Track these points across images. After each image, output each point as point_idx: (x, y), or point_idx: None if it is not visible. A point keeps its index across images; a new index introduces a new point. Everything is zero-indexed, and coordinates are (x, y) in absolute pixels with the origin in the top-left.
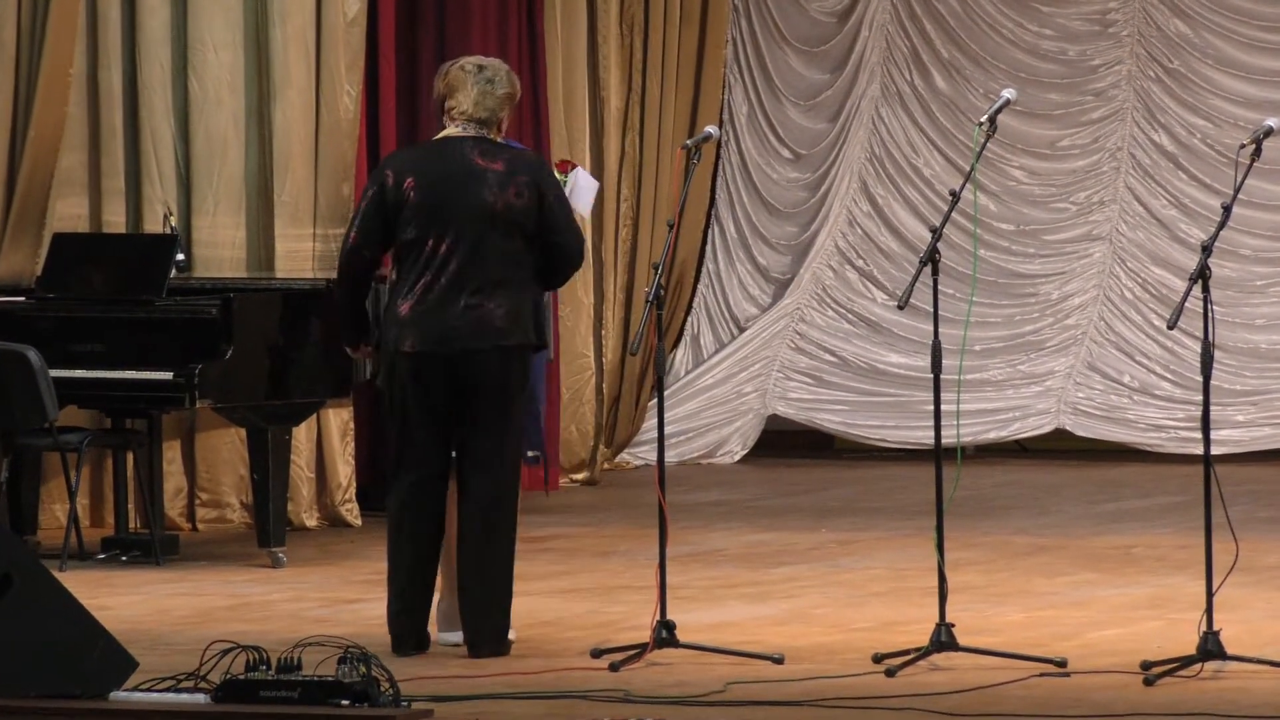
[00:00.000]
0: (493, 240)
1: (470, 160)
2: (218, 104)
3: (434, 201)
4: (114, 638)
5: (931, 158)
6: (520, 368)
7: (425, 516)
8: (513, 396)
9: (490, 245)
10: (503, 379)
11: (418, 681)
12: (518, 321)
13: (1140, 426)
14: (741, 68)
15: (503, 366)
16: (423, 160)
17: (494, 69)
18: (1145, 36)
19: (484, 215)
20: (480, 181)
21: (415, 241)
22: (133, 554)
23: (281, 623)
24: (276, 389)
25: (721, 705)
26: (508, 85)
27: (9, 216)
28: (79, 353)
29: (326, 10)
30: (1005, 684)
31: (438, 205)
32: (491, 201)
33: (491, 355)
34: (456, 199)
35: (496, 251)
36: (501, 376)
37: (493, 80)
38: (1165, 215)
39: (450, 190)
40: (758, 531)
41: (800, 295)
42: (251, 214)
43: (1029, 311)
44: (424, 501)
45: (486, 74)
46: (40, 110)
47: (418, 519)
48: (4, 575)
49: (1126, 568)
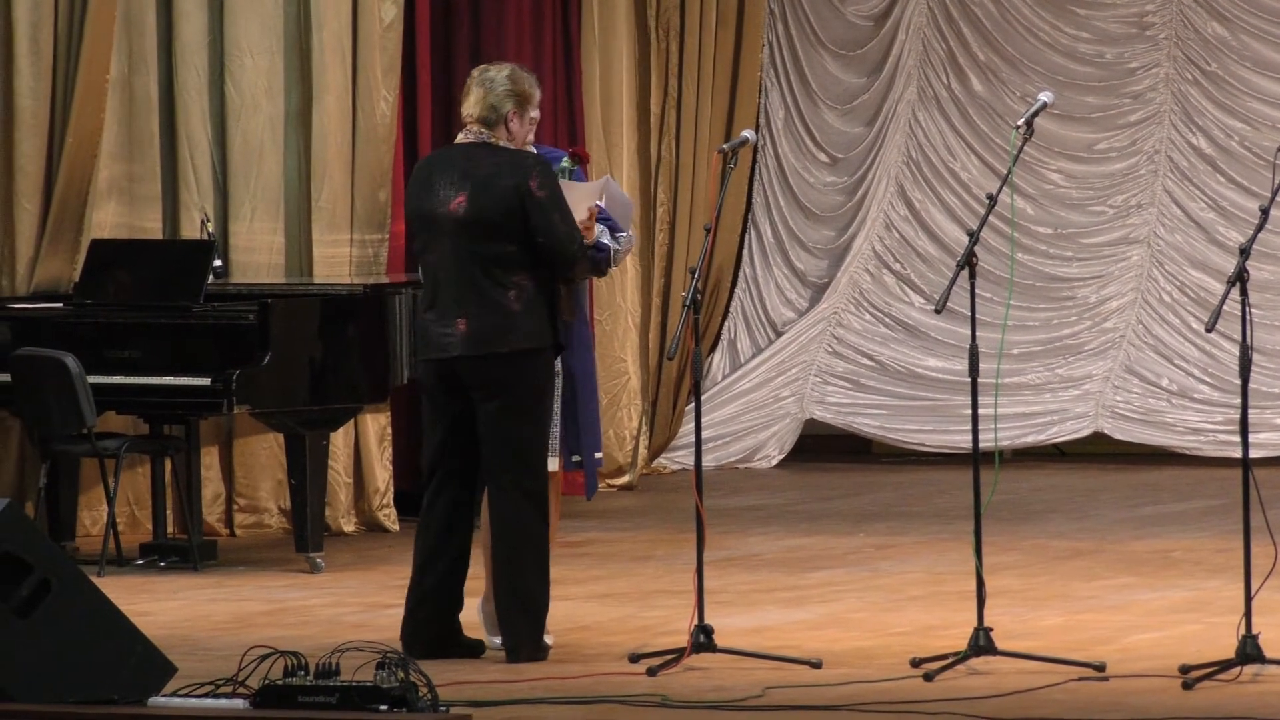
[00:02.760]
0: (470, 247)
1: (455, 167)
2: (254, 109)
3: (424, 212)
4: (152, 643)
5: (968, 161)
6: (517, 373)
7: (435, 517)
8: (516, 402)
9: (468, 252)
10: (500, 385)
11: (456, 686)
12: (507, 326)
13: (1178, 430)
14: (778, 72)
15: (499, 372)
16: (423, 169)
17: (496, 69)
18: (1182, 39)
19: (456, 223)
20: (457, 189)
21: (421, 250)
22: (171, 560)
23: (319, 628)
24: (314, 394)
25: (759, 710)
26: (508, 83)
27: (46, 223)
28: (116, 359)
29: (363, 15)
30: (1044, 688)
31: (427, 216)
32: (456, 210)
33: (484, 362)
34: (437, 208)
35: (477, 258)
36: (498, 383)
37: (493, 79)
38: (1203, 218)
39: (433, 200)
40: (795, 536)
41: (837, 299)
42: (289, 219)
43: (1066, 315)
44: (435, 501)
45: (488, 74)
46: (77, 117)
47: (428, 519)
48: (42, 581)
49: (1165, 571)
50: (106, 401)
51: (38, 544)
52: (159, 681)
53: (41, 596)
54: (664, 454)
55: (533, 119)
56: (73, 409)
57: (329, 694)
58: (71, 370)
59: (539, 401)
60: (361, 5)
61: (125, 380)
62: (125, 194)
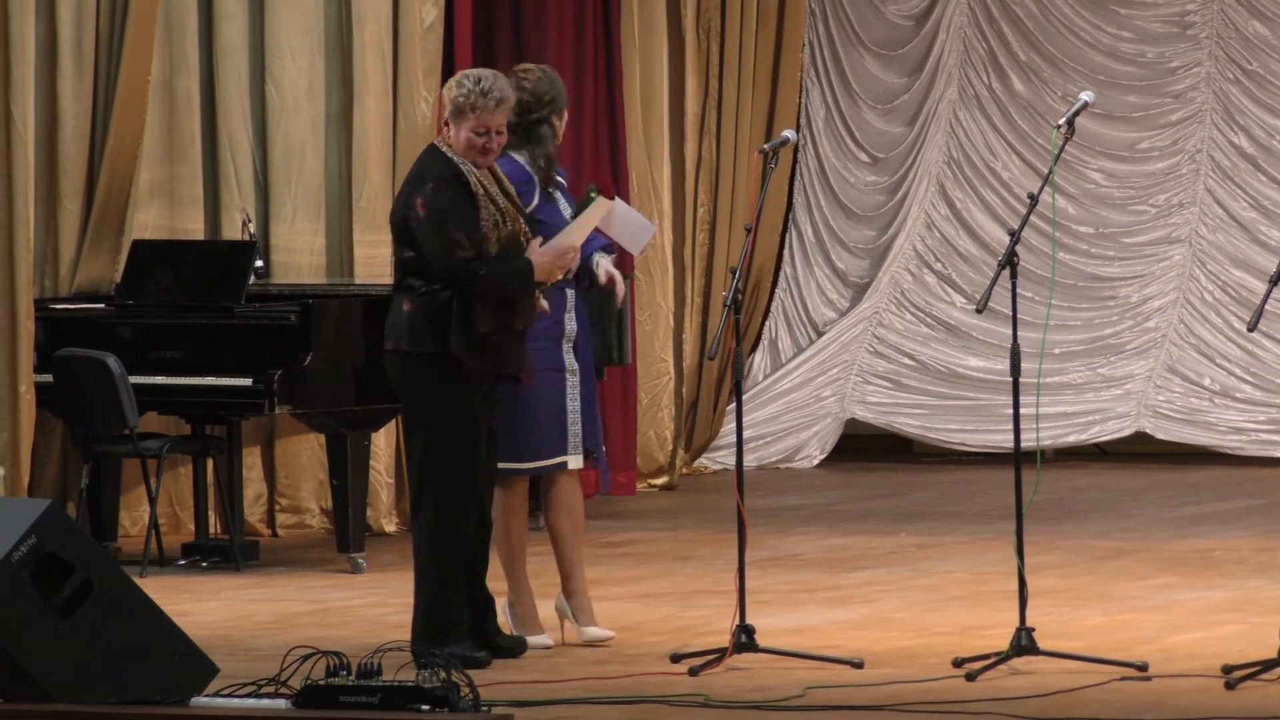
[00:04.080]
0: (396, 251)
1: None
2: (295, 111)
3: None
4: (194, 643)
5: (1010, 161)
6: (403, 373)
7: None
8: (406, 404)
9: (396, 255)
10: (396, 384)
11: (497, 686)
12: (400, 327)
13: (1220, 429)
14: (818, 72)
15: (392, 371)
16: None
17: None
18: (1224, 38)
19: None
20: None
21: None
22: (213, 560)
23: (361, 628)
24: (355, 394)
25: (801, 710)
26: (454, 88)
27: (88, 224)
28: (158, 359)
29: (403, 17)
30: (1086, 688)
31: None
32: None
33: (386, 357)
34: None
35: (398, 261)
36: (394, 381)
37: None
38: (1245, 217)
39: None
40: (837, 536)
41: (878, 299)
42: (330, 220)
43: (1108, 315)
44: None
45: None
46: (119, 118)
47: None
48: (84, 582)
49: (1207, 571)
50: (148, 402)
51: (80, 544)
52: (201, 682)
53: (83, 597)
54: (705, 454)
55: (474, 130)
56: (115, 409)
57: (371, 694)
58: (113, 371)
59: (425, 405)
60: (402, 6)
61: (167, 381)
62: (167, 195)
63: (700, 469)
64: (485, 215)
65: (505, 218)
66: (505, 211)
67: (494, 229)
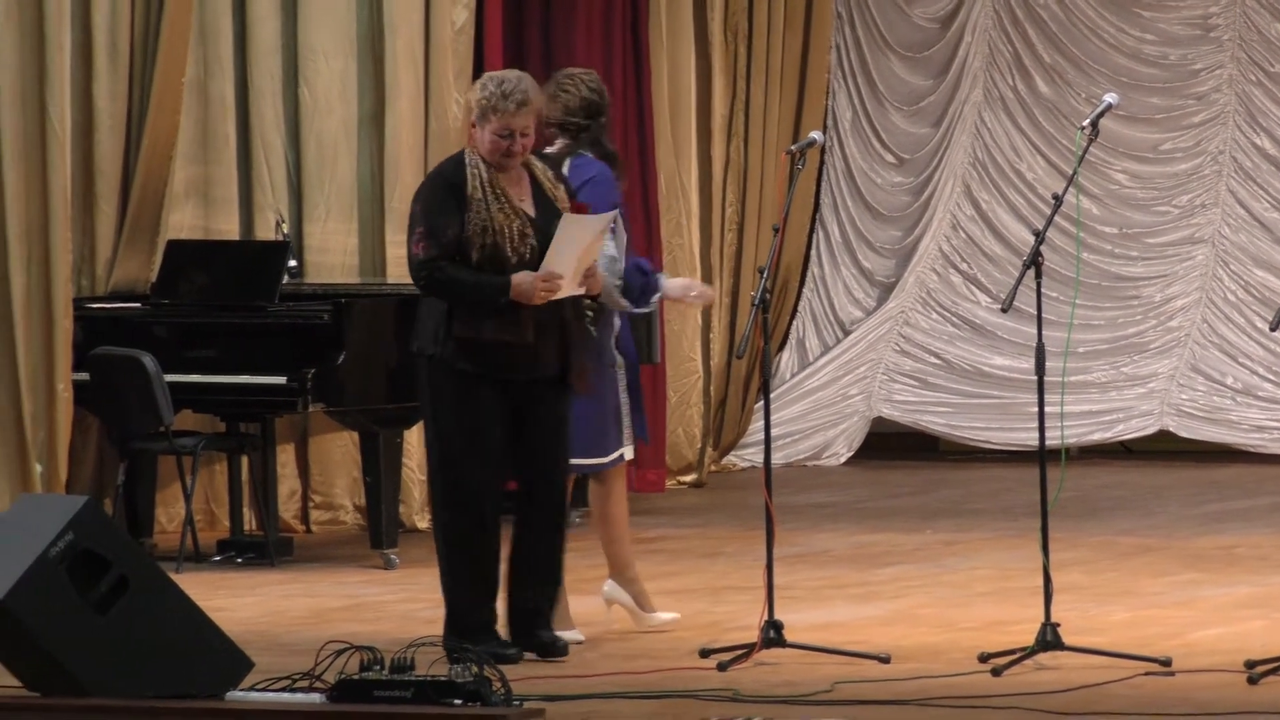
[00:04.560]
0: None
1: None
2: (328, 112)
3: None
4: (229, 639)
5: (1034, 162)
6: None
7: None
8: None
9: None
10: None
11: (529, 681)
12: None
13: (1243, 428)
14: (845, 74)
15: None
16: None
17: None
18: (1246, 40)
19: None
20: None
21: None
22: (247, 556)
23: (394, 623)
24: (388, 392)
25: (828, 704)
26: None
27: (124, 224)
28: (193, 358)
29: (435, 20)
30: (1110, 683)
31: None
32: None
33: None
34: None
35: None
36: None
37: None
38: (1267, 218)
39: None
40: (863, 532)
41: (904, 298)
42: (363, 221)
43: (1132, 314)
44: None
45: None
46: (153, 119)
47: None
48: (121, 578)
49: (1230, 568)
50: (183, 400)
51: (116, 541)
52: (236, 676)
53: (120, 593)
54: (733, 451)
55: (496, 132)
56: (150, 407)
57: (404, 688)
58: (149, 369)
59: (426, 407)
60: (433, 10)
61: (202, 379)
62: (201, 196)
63: (729, 466)
64: (473, 218)
65: (497, 225)
66: (504, 218)
67: (480, 233)
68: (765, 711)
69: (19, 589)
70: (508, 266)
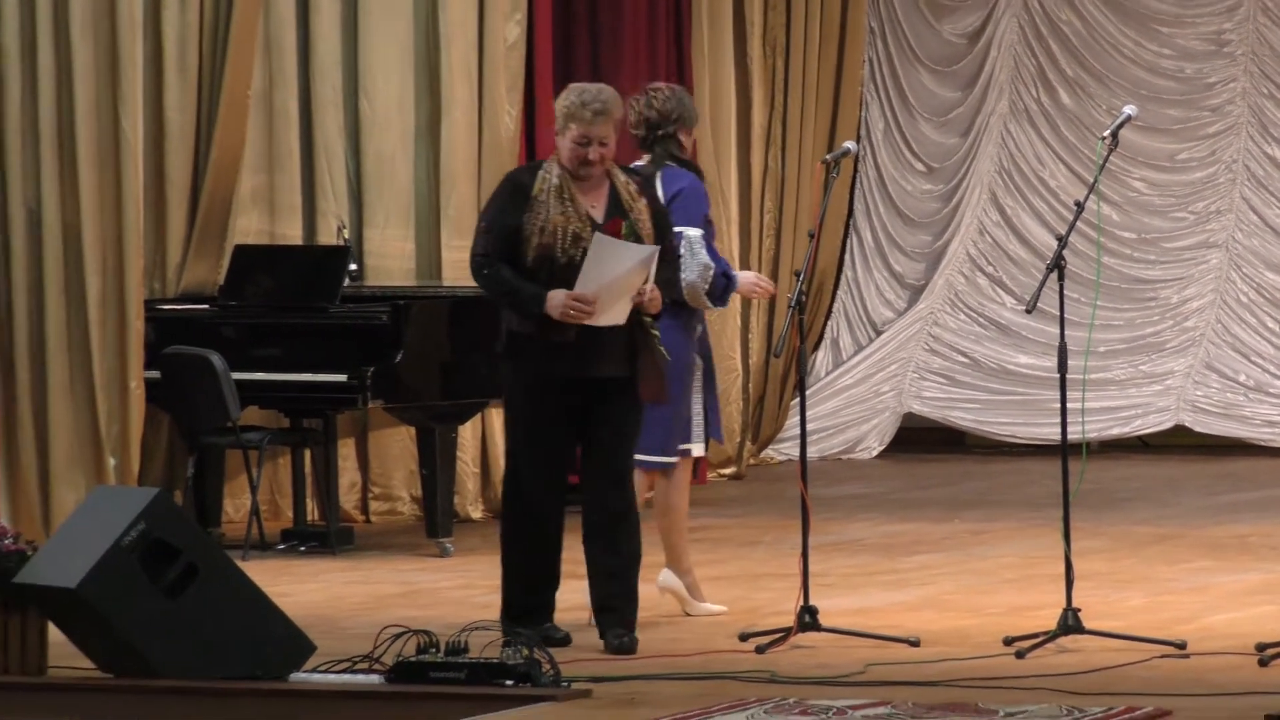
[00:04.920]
0: None
1: None
2: (387, 124)
3: None
4: (293, 623)
5: (1057, 170)
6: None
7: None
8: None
9: None
10: None
11: (577, 663)
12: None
13: (1255, 423)
14: (878, 86)
15: None
16: None
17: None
18: (1258, 55)
19: None
20: None
21: None
22: (310, 545)
23: (449, 608)
24: (443, 390)
25: (861, 685)
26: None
27: (193, 230)
28: (259, 357)
29: (488, 36)
30: (1128, 665)
31: None
32: None
33: None
34: None
35: None
36: None
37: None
38: (1279, 224)
39: None
40: (894, 523)
41: (934, 300)
42: (419, 226)
43: (1149, 315)
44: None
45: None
46: (221, 131)
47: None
48: (190, 565)
49: (1242, 555)
50: (249, 397)
51: (186, 530)
52: (299, 659)
53: (189, 580)
54: (771, 445)
55: (575, 140)
56: (218, 404)
57: (459, 670)
58: (217, 368)
59: (506, 398)
60: (487, 26)
61: (267, 377)
62: (267, 203)
63: (767, 460)
64: (532, 217)
65: (552, 225)
66: (562, 219)
67: (536, 232)
68: (801, 692)
69: (93, 576)
70: (557, 266)
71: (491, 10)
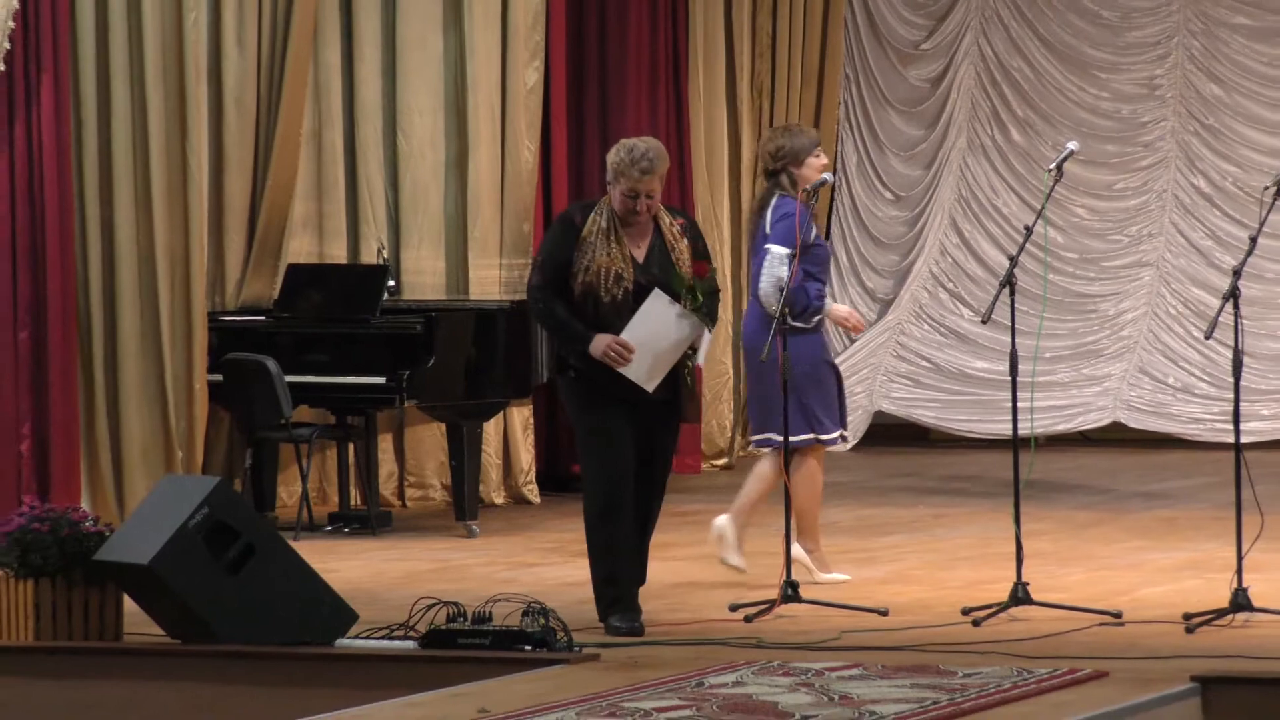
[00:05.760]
0: None
1: None
2: (421, 158)
3: None
4: (338, 595)
5: (1009, 198)
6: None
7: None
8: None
9: None
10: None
11: (589, 631)
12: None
13: (1182, 419)
14: (852, 125)
15: None
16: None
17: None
18: (1185, 98)
19: None
20: None
21: None
22: (353, 527)
23: (475, 583)
24: (470, 391)
25: (837, 650)
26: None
27: (251, 251)
28: (309, 362)
29: (510, 81)
30: (1071, 632)
31: None
32: None
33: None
34: None
35: None
36: None
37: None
38: (1203, 245)
39: None
40: (866, 507)
41: (901, 312)
42: (449, 248)
43: (1090, 325)
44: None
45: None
46: (276, 164)
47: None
48: (248, 545)
49: (1170, 536)
50: (300, 397)
51: (245, 514)
52: (344, 627)
53: (248, 557)
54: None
55: (624, 193)
56: (273, 403)
57: (484, 637)
58: (272, 371)
59: (569, 411)
60: (509, 72)
61: (315, 379)
62: (316, 227)
63: (754, 452)
64: (580, 256)
65: (598, 265)
66: (607, 260)
67: (583, 270)
68: (784, 656)
69: (163, 554)
70: (601, 304)
71: (513, 59)
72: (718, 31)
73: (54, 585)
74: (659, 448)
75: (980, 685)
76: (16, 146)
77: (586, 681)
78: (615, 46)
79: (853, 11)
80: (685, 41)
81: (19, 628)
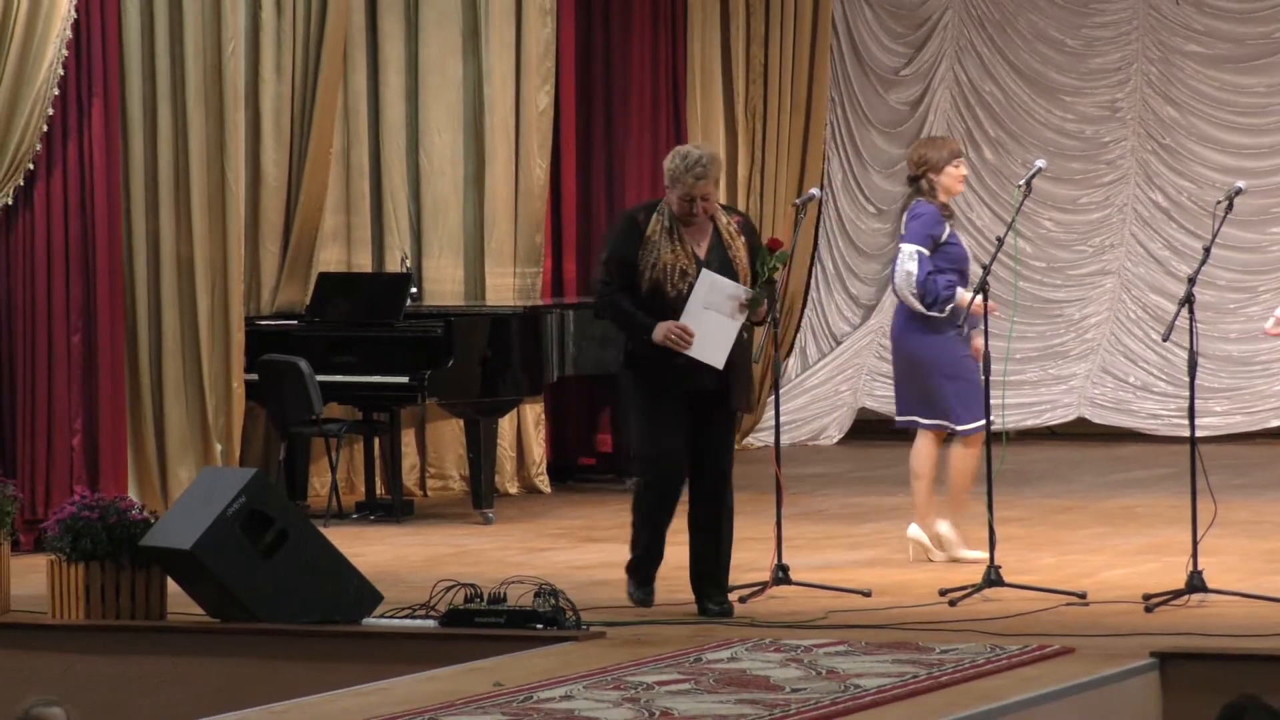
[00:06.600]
0: None
1: None
2: (441, 174)
3: None
4: (365, 578)
5: (982, 211)
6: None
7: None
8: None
9: None
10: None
11: (595, 610)
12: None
13: (1142, 415)
14: (838, 144)
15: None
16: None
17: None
18: (1144, 120)
19: None
20: None
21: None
22: (379, 514)
23: (491, 567)
24: (486, 389)
25: (824, 628)
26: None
27: (285, 260)
28: (338, 362)
29: (524, 103)
30: (1040, 611)
31: None
32: None
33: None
34: None
35: None
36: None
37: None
38: (1161, 255)
39: None
40: (851, 496)
41: (883, 317)
42: (467, 258)
43: (1056, 329)
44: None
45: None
46: (308, 180)
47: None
48: (282, 531)
49: (1131, 523)
50: (330, 395)
51: (279, 503)
52: (370, 607)
53: (281, 542)
54: (751, 434)
55: (680, 197)
56: (305, 401)
57: (499, 616)
58: (304, 371)
59: (629, 403)
60: (522, 95)
61: (344, 379)
62: (344, 238)
63: (748, 446)
64: (645, 254)
65: (662, 262)
66: (671, 257)
67: (649, 268)
68: (775, 634)
69: (204, 540)
70: (667, 298)
71: (526, 83)
72: (714, 60)
73: (103, 568)
74: (710, 438)
75: (956, 661)
76: (69, 164)
77: (593, 657)
78: (620, 73)
79: (838, 41)
80: (684, 69)
81: (71, 608)
